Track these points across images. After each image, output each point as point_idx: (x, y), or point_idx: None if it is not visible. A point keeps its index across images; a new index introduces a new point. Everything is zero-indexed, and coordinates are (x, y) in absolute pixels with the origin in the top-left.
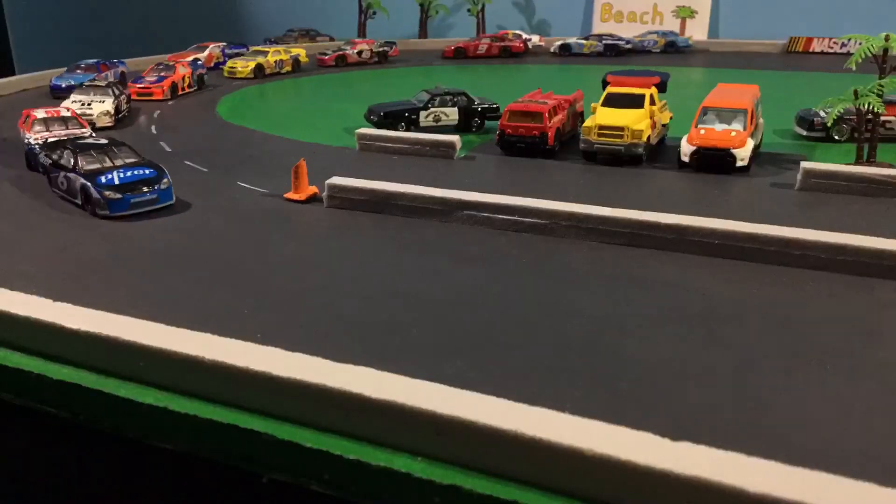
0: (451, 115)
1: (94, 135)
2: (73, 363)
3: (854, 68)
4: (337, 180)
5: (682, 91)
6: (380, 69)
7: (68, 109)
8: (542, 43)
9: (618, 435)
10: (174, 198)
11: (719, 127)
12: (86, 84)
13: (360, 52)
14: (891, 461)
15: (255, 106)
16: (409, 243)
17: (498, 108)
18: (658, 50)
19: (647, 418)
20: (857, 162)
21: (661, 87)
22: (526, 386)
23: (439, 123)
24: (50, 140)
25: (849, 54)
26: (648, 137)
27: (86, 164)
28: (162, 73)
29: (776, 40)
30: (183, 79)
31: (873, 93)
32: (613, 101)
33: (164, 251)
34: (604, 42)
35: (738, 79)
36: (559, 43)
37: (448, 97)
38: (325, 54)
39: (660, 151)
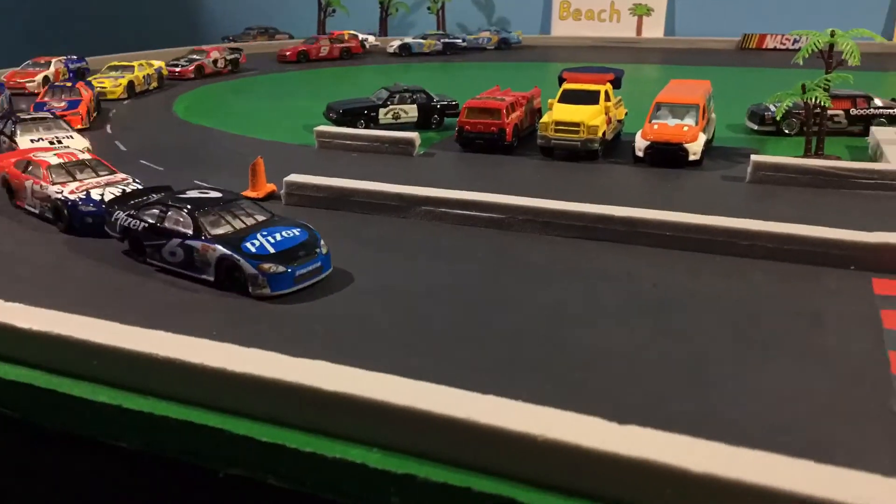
0: (411, 112)
1: (139, 181)
2: (25, 363)
3: (801, 63)
4: (295, 178)
5: (636, 87)
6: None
7: (79, 149)
8: (378, 43)
9: (567, 420)
10: (332, 265)
11: (672, 122)
12: (22, 117)
13: (214, 62)
14: (832, 439)
15: (213, 104)
16: (368, 240)
17: (457, 106)
18: (492, 47)
19: (600, 406)
20: (806, 154)
21: (616, 84)
22: (483, 377)
23: (398, 121)
24: (121, 195)
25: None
26: (604, 133)
27: (212, 228)
28: (65, 97)
29: (731, 37)
30: (90, 102)
31: (820, 87)
32: (569, 98)
33: (117, 252)
34: (442, 41)
35: (692, 75)
36: (398, 43)
37: (407, 94)
38: (177, 65)
39: (615, 146)
